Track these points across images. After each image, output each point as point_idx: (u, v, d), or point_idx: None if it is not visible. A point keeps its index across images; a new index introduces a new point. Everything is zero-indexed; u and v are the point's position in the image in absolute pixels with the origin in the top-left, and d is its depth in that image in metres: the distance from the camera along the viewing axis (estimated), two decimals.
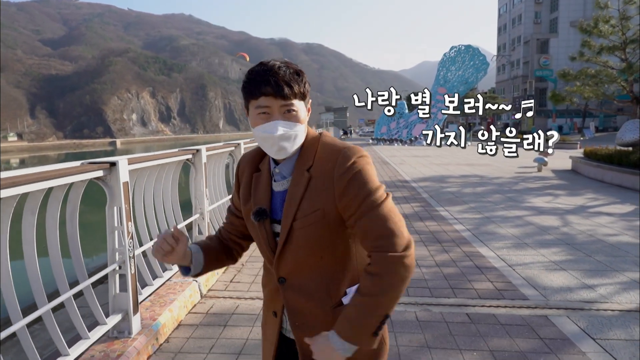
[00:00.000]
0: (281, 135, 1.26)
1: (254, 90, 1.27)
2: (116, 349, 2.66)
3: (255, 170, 1.42)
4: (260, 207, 1.34)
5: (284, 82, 1.25)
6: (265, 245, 1.36)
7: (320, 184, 1.28)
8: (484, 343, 3.10)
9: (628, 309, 3.68)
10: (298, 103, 1.29)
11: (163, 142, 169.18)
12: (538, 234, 6.24)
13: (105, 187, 2.78)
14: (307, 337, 1.31)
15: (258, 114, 1.28)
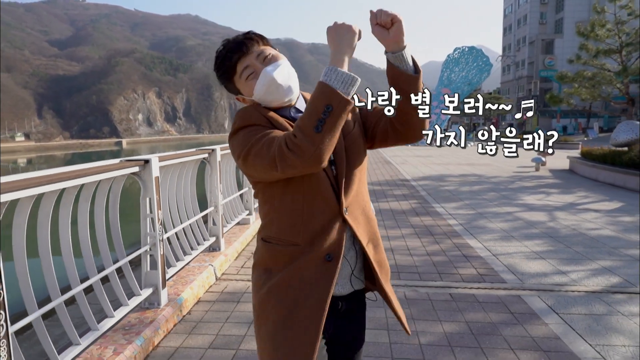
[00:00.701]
0: (277, 74, 1.34)
1: (228, 65, 1.38)
2: (148, 317, 3.18)
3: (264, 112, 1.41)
4: None
5: (243, 40, 1.36)
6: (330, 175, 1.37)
7: None
8: (462, 316, 3.60)
9: (593, 290, 4.16)
10: (267, 48, 1.39)
11: (169, 142, 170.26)
12: (525, 228, 6.72)
13: (140, 181, 3.25)
14: (372, 250, 1.45)
15: (246, 78, 1.37)
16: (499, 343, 3.14)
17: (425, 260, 5.10)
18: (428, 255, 5.30)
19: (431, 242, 5.88)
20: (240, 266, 4.89)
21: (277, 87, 1.32)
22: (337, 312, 1.42)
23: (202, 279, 4.06)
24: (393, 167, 17.02)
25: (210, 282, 4.24)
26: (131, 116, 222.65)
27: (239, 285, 4.28)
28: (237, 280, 4.45)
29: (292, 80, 1.36)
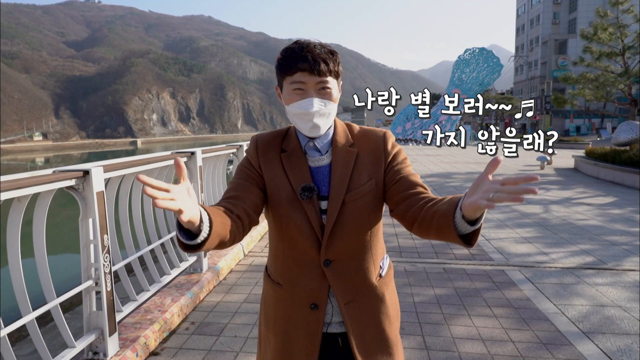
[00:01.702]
0: (317, 111, 1.27)
1: (290, 66, 1.28)
2: (194, 279, 3.94)
3: (280, 151, 1.38)
4: (307, 184, 1.30)
5: (320, 58, 1.27)
6: (314, 225, 1.30)
7: (369, 158, 1.35)
8: (451, 284, 4.30)
9: (567, 266, 4.83)
10: (332, 81, 1.31)
11: (182, 141, 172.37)
12: (519, 218, 7.38)
13: (77, 198, 2.59)
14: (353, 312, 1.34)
15: (293, 89, 1.29)
16: (479, 302, 3.85)
17: (425, 242, 5.81)
18: (428, 239, 6.00)
19: None
20: (263, 246, 5.65)
21: (308, 120, 1.29)
22: (338, 347, 1.37)
23: (233, 254, 4.81)
24: None
25: (239, 257, 5.00)
26: (146, 116, 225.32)
27: (264, 260, 5.03)
28: (262, 256, 5.20)
29: (324, 124, 1.31)
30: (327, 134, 1.37)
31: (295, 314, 1.35)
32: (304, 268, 1.34)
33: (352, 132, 1.41)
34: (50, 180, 2.33)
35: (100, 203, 2.60)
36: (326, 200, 1.31)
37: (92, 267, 2.61)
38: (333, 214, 1.29)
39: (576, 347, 3.05)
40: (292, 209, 1.30)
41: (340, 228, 1.30)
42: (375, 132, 1.41)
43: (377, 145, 1.37)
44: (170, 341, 3.15)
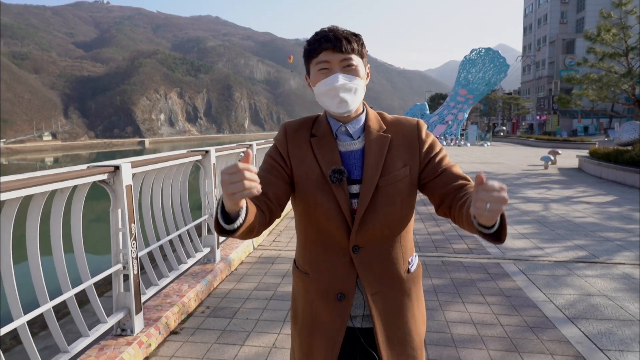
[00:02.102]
0: (342, 85, 1.27)
1: (314, 47, 1.30)
2: (208, 268, 4.25)
3: (310, 136, 1.38)
4: (337, 167, 1.30)
5: (343, 37, 1.29)
6: (344, 209, 1.29)
7: (403, 144, 1.35)
8: (448, 275, 4.57)
9: (560, 260, 5.09)
10: (357, 59, 1.32)
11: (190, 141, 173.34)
12: (518, 215, 7.63)
13: (109, 190, 2.86)
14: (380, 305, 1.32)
15: (318, 70, 1.31)
16: (473, 291, 4.12)
17: (426, 238, 6.08)
18: (428, 234, 6.28)
19: (433, 225, 6.85)
20: (272, 240, 5.95)
21: (334, 96, 1.28)
22: (360, 344, 1.37)
23: (244, 247, 5.12)
24: None
25: (249, 250, 5.30)
26: (153, 116, 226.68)
27: (272, 253, 5.33)
28: (270, 249, 5.50)
29: (353, 99, 1.30)
30: (359, 119, 1.37)
31: (321, 306, 1.34)
32: (331, 254, 1.33)
33: (384, 119, 1.41)
34: (86, 175, 2.61)
35: (128, 195, 2.88)
36: (357, 184, 1.31)
37: (120, 252, 2.89)
38: (366, 198, 1.28)
39: (560, 330, 3.32)
40: (321, 192, 1.30)
41: (372, 213, 1.29)
42: (408, 119, 1.42)
43: (411, 132, 1.37)
44: (188, 322, 3.46)
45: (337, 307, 1.32)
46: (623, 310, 3.68)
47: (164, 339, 3.17)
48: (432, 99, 79.41)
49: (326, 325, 1.34)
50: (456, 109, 38.43)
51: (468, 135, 40.59)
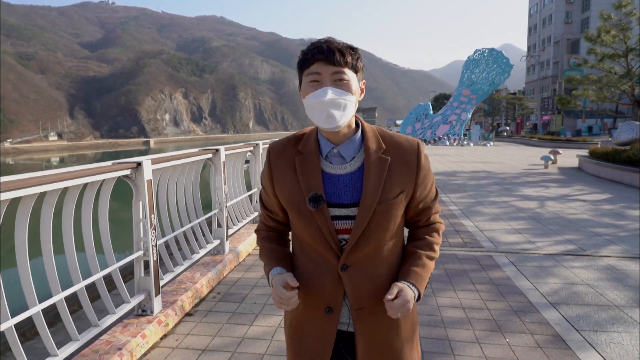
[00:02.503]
0: (330, 99, 1.24)
1: (307, 58, 1.28)
2: (218, 259, 4.57)
3: (296, 154, 1.37)
4: (315, 193, 1.30)
5: (337, 49, 1.26)
6: (325, 233, 1.31)
7: (402, 168, 1.33)
8: (442, 266, 4.88)
9: (550, 253, 5.38)
10: (350, 73, 1.28)
11: (194, 141, 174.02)
12: (514, 212, 7.91)
13: (131, 184, 3.17)
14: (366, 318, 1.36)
15: (309, 82, 1.28)
16: (465, 280, 4.42)
17: None
18: None
19: None
20: None
21: (322, 111, 1.26)
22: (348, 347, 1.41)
23: (251, 240, 5.44)
24: None
25: (255, 244, 5.62)
26: (158, 116, 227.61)
27: None
28: None
29: (341, 115, 1.27)
30: (353, 139, 1.35)
31: (310, 316, 1.39)
32: (320, 271, 1.35)
33: (383, 137, 1.37)
34: (112, 170, 2.93)
35: (149, 189, 3.21)
36: (347, 208, 1.31)
37: (141, 240, 3.21)
38: (362, 223, 1.29)
39: (542, 313, 3.62)
40: (304, 216, 1.32)
41: (366, 237, 1.30)
42: (408, 140, 1.39)
43: (410, 157, 1.35)
44: (200, 306, 3.78)
45: (326, 319, 1.36)
46: (602, 297, 3.98)
47: (180, 320, 3.50)
48: (436, 99, 79.51)
49: (315, 335, 1.38)
50: (459, 109, 38.65)
51: (471, 135, 40.79)
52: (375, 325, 1.37)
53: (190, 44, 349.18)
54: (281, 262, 1.41)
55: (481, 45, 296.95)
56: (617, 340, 3.17)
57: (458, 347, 3.08)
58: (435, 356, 2.96)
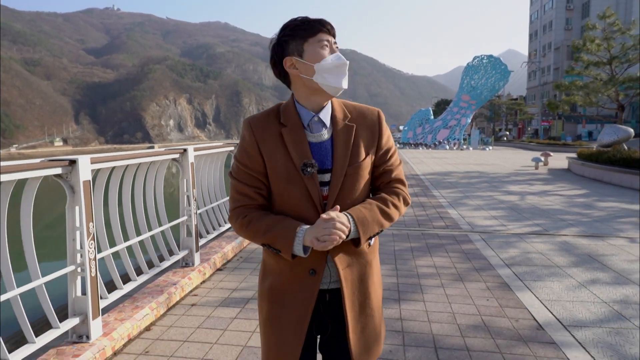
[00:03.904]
0: (347, 64, 1.43)
1: (313, 27, 1.40)
2: None
3: (280, 126, 1.44)
4: (309, 160, 1.38)
5: (331, 24, 1.43)
6: (315, 198, 1.39)
7: (365, 134, 1.47)
8: (424, 241, 5.86)
9: (517, 233, 6.35)
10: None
11: None
12: (495, 204, 8.88)
13: (65, 186, 2.74)
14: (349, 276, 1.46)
15: (322, 46, 1.40)
16: (441, 250, 5.40)
17: (412, 219, 7.37)
18: (415, 216, 7.57)
19: (420, 210, 8.13)
20: None
21: (344, 72, 1.41)
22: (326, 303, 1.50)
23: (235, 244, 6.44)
24: (409, 166, 19.19)
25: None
26: (163, 122, 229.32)
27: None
28: None
29: (346, 82, 1.43)
30: (328, 107, 1.46)
31: (292, 281, 1.44)
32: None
33: (347, 107, 1.50)
34: (38, 167, 2.54)
35: (86, 192, 2.77)
36: (327, 173, 1.41)
37: (77, 253, 2.77)
38: (336, 186, 1.39)
39: (497, 270, 4.59)
40: (293, 183, 1.39)
41: (340, 199, 1.40)
42: (369, 109, 1.53)
43: (373, 122, 1.49)
44: (228, 264, 4.79)
45: (309, 281, 1.43)
46: (549, 260, 4.95)
47: (214, 272, 4.50)
48: (437, 105, 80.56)
49: (297, 297, 1.44)
50: (459, 114, 39.64)
51: (471, 139, 41.76)
52: (359, 281, 1.48)
53: (194, 50, 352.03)
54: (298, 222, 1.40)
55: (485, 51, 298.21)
56: (549, 286, 4.14)
57: (426, 289, 4.06)
58: (408, 295, 3.93)
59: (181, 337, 3.13)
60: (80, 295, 2.83)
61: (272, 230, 1.36)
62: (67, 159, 2.71)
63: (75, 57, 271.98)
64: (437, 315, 3.48)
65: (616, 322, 3.35)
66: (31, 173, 2.51)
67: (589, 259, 5.03)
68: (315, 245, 1.30)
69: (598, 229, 6.55)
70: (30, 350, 2.46)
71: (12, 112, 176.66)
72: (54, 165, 2.63)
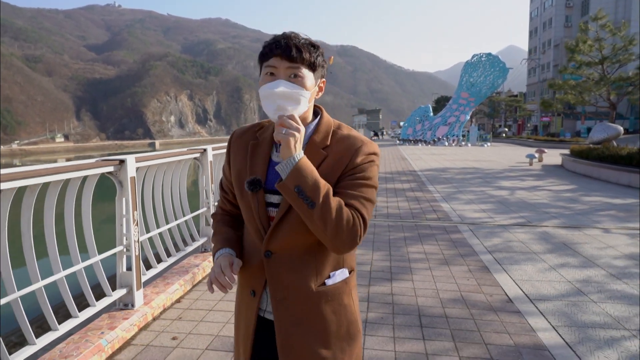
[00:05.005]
0: (282, 91, 1.27)
1: (265, 52, 1.32)
2: None
3: (252, 139, 1.43)
4: (255, 177, 1.34)
5: (295, 45, 1.30)
6: (256, 217, 1.35)
7: (333, 165, 1.33)
8: (417, 231, 6.45)
9: (503, 224, 6.94)
10: (306, 71, 1.32)
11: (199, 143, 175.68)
12: (486, 198, 9.47)
13: (115, 181, 3.28)
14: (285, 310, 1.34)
15: (265, 74, 1.32)
16: (432, 240, 5.99)
17: (407, 212, 7.96)
18: (410, 210, 8.16)
19: (415, 204, 8.72)
20: None
21: (272, 102, 1.28)
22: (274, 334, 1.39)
23: None
24: (407, 162, 19.78)
25: None
26: (164, 118, 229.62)
27: None
28: None
29: (293, 109, 1.29)
30: (305, 133, 1.34)
31: (242, 297, 1.46)
32: (251, 253, 1.39)
33: (335, 134, 1.39)
34: (95, 166, 3.09)
35: (132, 186, 3.35)
36: (279, 195, 1.33)
37: (123, 236, 3.37)
38: (283, 209, 1.31)
39: (479, 256, 5.18)
40: (242, 197, 1.38)
41: (286, 224, 1.31)
42: (357, 140, 1.37)
43: (347, 153, 1.34)
44: None
45: (250, 301, 1.41)
46: (527, 248, 5.54)
47: None
48: (438, 102, 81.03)
49: (244, 315, 1.45)
50: (458, 111, 40.15)
51: (469, 136, 42.30)
52: (296, 318, 1.35)
53: (195, 47, 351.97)
54: (231, 243, 1.44)
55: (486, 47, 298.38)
56: (523, 269, 4.74)
57: (415, 271, 4.65)
58: (399, 275, 4.53)
59: (207, 307, 3.73)
60: (126, 271, 3.41)
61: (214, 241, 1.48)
62: (117, 159, 3.28)
63: (76, 53, 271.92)
64: (422, 291, 4.08)
65: (575, 297, 3.94)
66: (91, 171, 3.08)
67: (564, 246, 5.62)
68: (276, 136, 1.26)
69: (578, 221, 7.14)
70: (91, 312, 3.06)
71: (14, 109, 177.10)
72: (108, 164, 3.20)
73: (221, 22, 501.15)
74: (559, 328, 3.32)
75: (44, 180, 2.68)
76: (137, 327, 3.26)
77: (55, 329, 2.74)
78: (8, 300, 2.43)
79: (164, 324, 3.42)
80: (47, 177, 2.69)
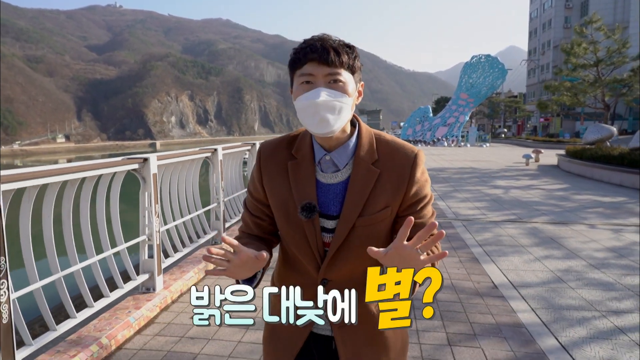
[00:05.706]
0: (324, 101, 1.15)
1: (299, 58, 1.19)
2: None
3: (289, 158, 1.30)
4: (309, 203, 1.23)
5: (332, 48, 1.17)
6: (312, 244, 1.26)
7: (391, 181, 1.23)
8: None
9: (494, 220, 7.32)
10: (346, 74, 1.19)
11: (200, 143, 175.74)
12: (481, 196, 9.85)
13: (139, 177, 3.71)
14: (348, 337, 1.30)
15: (301, 83, 1.19)
16: None
17: None
18: None
19: None
20: None
21: (314, 114, 1.16)
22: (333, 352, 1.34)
23: None
24: None
25: None
26: (165, 118, 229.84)
27: None
28: None
29: (336, 119, 1.17)
30: (347, 145, 1.26)
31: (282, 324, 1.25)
32: (301, 282, 1.21)
33: (379, 145, 1.27)
34: (122, 164, 3.49)
35: (154, 181, 3.79)
36: (333, 220, 1.25)
37: (146, 226, 3.79)
38: (340, 237, 1.23)
39: (470, 249, 5.57)
40: (291, 224, 1.27)
41: (345, 251, 1.24)
42: (406, 149, 1.27)
43: (404, 169, 1.23)
44: None
45: (300, 330, 1.32)
46: (516, 242, 5.93)
47: None
48: (437, 102, 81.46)
49: (285, 339, 1.36)
50: (457, 112, 40.57)
51: (468, 136, 42.70)
52: (361, 340, 1.31)
53: (196, 47, 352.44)
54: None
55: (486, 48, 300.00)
56: (510, 260, 5.12)
57: None
58: None
59: None
60: (148, 258, 3.83)
61: None
62: (142, 157, 3.71)
63: (77, 54, 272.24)
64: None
65: (554, 284, 4.33)
66: (120, 168, 3.49)
67: (550, 240, 6.00)
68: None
69: (566, 217, 7.53)
70: (120, 293, 3.47)
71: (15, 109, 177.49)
72: (134, 162, 3.63)
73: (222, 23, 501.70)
74: (537, 310, 3.70)
75: (82, 176, 3.05)
76: (158, 308, 3.65)
77: (91, 305, 3.12)
78: (54, 279, 2.83)
79: (182, 306, 3.80)
80: (84, 173, 3.07)
